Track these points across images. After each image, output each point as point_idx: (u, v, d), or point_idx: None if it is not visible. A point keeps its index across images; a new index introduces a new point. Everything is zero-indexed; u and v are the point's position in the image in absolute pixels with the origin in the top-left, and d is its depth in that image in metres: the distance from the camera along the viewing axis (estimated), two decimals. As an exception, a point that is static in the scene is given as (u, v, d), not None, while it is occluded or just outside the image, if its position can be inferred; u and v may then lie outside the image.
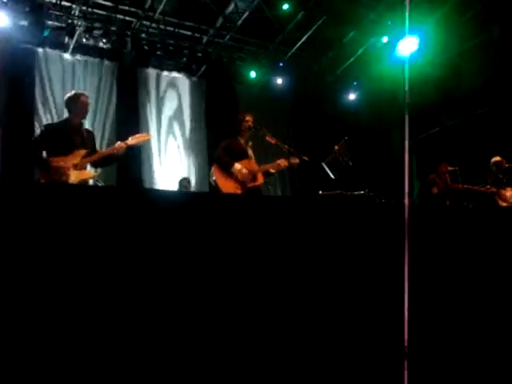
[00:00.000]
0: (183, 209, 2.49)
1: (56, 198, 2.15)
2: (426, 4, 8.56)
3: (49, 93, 8.12)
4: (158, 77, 9.22)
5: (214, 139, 5.80)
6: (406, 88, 2.22)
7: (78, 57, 8.54)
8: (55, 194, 2.17)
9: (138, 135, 4.69)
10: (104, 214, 2.21)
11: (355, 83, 10.41)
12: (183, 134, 9.24)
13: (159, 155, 8.85)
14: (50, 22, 8.00)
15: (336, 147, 5.73)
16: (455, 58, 9.12)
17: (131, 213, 2.23)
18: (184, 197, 2.61)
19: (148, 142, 4.77)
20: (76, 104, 4.70)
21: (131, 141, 4.62)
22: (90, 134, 4.87)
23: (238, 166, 5.08)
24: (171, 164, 8.96)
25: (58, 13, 7.98)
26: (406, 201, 2.30)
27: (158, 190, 2.30)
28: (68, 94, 4.84)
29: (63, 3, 7.91)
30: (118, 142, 4.65)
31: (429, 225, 3.42)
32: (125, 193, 2.35)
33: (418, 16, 8.73)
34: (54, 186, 2.57)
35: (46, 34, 8.02)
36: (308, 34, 9.23)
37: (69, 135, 4.55)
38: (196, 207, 2.54)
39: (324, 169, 5.63)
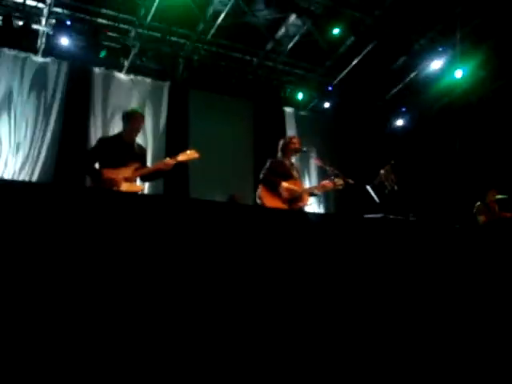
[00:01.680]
0: (231, 220, 2.53)
1: (106, 204, 2.23)
2: (474, 38, 8.61)
3: (103, 109, 8.43)
4: (209, 98, 9.39)
5: (261, 161, 5.87)
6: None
7: (132, 76, 8.83)
8: (106, 200, 2.26)
9: (187, 152, 4.78)
10: (151, 221, 2.28)
11: (404, 109, 10.37)
12: (230, 155, 9.35)
13: (205, 175, 8.97)
14: (106, 43, 8.36)
15: (382, 171, 5.70)
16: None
17: (178, 221, 2.30)
18: (232, 208, 2.66)
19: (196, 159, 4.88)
20: (130, 120, 4.85)
21: (180, 157, 4.72)
22: (142, 149, 5.02)
23: (285, 184, 5.15)
24: (216, 183, 9.07)
25: (115, 34, 8.33)
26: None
27: (207, 201, 2.35)
28: (125, 110, 5.04)
29: (121, 26, 8.23)
30: (167, 158, 4.76)
31: (474, 252, 3.38)
32: (172, 201, 2.42)
33: (467, 47, 8.76)
34: (104, 192, 2.67)
35: (102, 54, 8.36)
36: (358, 59, 9.26)
37: (121, 149, 4.70)
38: (244, 219, 2.58)
39: (368, 192, 5.61)
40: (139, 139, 5.16)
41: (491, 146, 8.86)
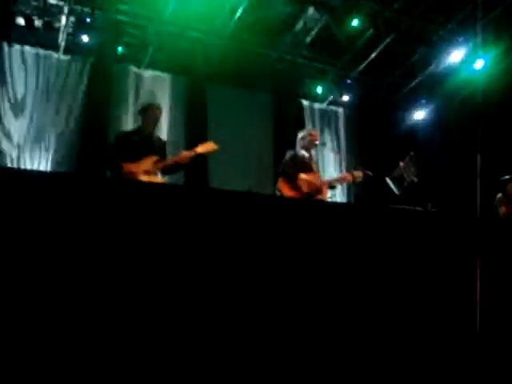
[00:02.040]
0: (250, 209, 2.55)
1: (126, 194, 2.27)
2: (495, 28, 8.49)
3: (124, 104, 8.51)
4: (228, 92, 9.41)
5: (281, 154, 5.92)
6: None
7: (151, 72, 8.90)
8: (126, 189, 2.30)
9: (206, 144, 4.82)
10: (168, 210, 2.31)
11: (424, 101, 10.30)
12: (250, 148, 9.37)
13: (225, 168, 9.00)
14: (125, 39, 8.46)
15: (401, 163, 5.68)
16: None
17: (197, 210, 2.33)
18: (251, 198, 2.68)
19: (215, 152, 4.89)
20: (147, 114, 4.91)
21: (199, 149, 4.76)
22: (162, 142, 5.07)
23: (304, 176, 5.17)
24: (236, 176, 9.10)
25: (133, 31, 8.41)
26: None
27: (224, 190, 2.37)
28: (141, 105, 5.09)
29: (140, 22, 8.30)
30: (185, 151, 4.81)
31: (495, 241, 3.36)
32: (191, 191, 2.45)
33: (488, 37, 8.66)
34: (124, 183, 2.71)
35: (120, 51, 8.44)
36: (376, 52, 9.20)
37: (140, 143, 4.76)
38: (263, 209, 2.60)
39: (388, 184, 5.60)
40: (159, 134, 5.20)
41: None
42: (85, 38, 8.02)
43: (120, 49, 8.44)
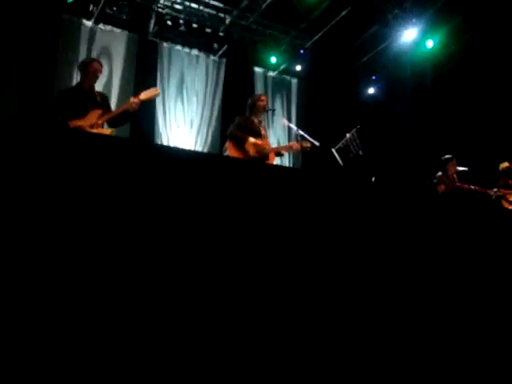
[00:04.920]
0: (198, 168, 2.51)
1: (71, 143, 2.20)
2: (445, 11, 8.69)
3: (71, 58, 8.16)
4: (179, 53, 9.28)
5: (229, 118, 5.90)
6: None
7: (101, 26, 8.58)
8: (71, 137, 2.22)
9: (148, 90, 4.74)
10: (115, 164, 2.26)
11: (374, 77, 10.45)
12: (199, 110, 9.32)
13: (172, 130, 8.93)
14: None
15: (347, 135, 5.80)
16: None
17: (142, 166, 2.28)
18: (200, 156, 2.65)
19: (158, 106, 4.81)
20: (87, 69, 4.79)
21: (143, 96, 4.66)
22: (104, 96, 4.95)
23: (252, 139, 5.18)
24: (184, 139, 9.05)
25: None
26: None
27: (173, 147, 2.33)
28: (81, 59, 4.93)
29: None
30: (131, 98, 4.69)
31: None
32: (137, 146, 2.39)
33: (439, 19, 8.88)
34: (69, 131, 2.62)
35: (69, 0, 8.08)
36: (331, 24, 9.22)
37: (81, 98, 4.64)
38: (210, 167, 2.57)
39: (333, 155, 5.69)
40: (106, 91, 5.06)
41: (456, 116, 8.99)
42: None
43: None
